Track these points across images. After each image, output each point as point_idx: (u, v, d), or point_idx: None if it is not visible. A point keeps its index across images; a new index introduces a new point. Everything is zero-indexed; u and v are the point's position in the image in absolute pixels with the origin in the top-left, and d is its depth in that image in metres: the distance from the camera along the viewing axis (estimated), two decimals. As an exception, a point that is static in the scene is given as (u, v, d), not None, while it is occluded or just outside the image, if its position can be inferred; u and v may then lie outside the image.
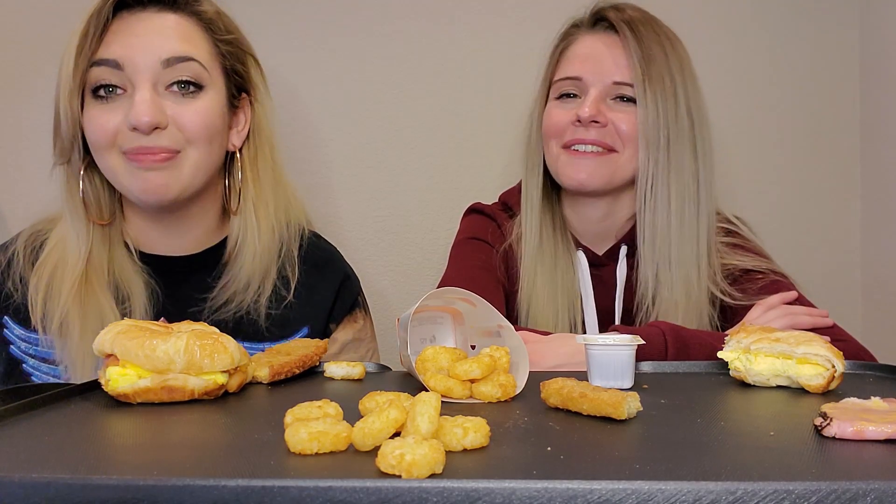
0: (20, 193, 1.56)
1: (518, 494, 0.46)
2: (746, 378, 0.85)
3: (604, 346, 0.83)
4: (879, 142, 1.61)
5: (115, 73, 0.99)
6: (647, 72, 1.15)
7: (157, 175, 1.00)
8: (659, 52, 1.16)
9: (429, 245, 1.63)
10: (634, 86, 1.16)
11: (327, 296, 1.14)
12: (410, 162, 1.63)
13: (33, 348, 1.05)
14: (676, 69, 1.17)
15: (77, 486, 0.48)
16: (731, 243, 1.24)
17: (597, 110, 1.16)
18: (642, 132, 1.16)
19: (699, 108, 1.20)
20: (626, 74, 1.17)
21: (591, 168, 1.18)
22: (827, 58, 1.66)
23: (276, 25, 1.62)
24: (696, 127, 1.19)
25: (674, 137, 1.16)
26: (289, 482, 0.47)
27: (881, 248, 1.62)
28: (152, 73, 0.99)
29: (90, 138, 1.01)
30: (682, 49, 1.21)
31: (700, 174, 1.19)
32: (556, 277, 1.22)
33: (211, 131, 1.04)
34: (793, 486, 0.46)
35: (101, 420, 0.70)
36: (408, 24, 1.63)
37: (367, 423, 0.55)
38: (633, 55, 1.15)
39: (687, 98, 1.18)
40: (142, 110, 0.97)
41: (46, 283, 1.03)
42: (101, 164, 1.04)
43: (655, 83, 1.15)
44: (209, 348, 0.76)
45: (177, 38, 1.01)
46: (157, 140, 0.99)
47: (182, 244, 1.11)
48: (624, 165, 1.19)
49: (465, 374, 0.75)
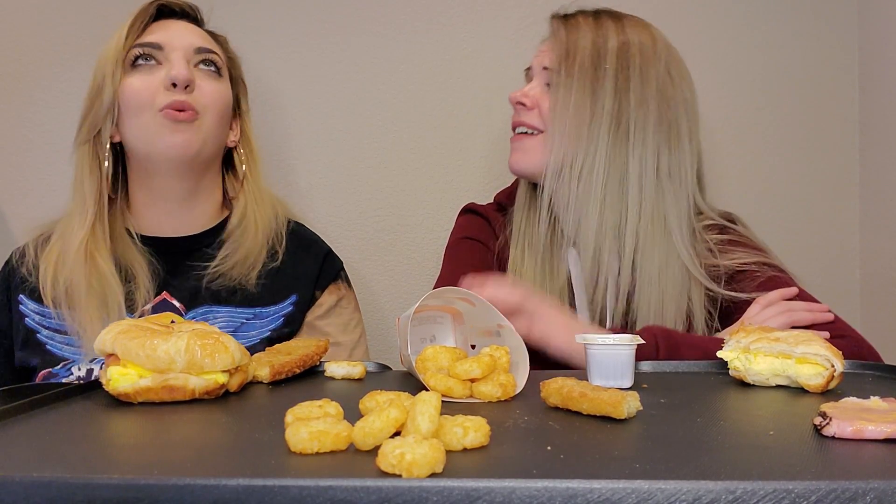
0: (20, 193, 1.57)
1: (518, 494, 0.46)
2: (746, 378, 0.85)
3: (604, 346, 0.83)
4: (878, 140, 1.62)
5: (153, 51, 1.18)
6: (564, 56, 1.19)
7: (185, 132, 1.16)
8: (588, 43, 1.19)
9: (428, 245, 1.64)
10: (552, 70, 1.21)
11: (312, 267, 1.27)
12: (410, 162, 1.64)
13: (46, 321, 1.17)
14: (610, 58, 1.18)
15: (78, 486, 0.48)
16: (725, 240, 1.23)
17: (522, 94, 1.24)
18: (553, 113, 1.19)
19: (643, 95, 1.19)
20: (549, 61, 1.22)
21: (518, 153, 1.25)
22: (826, 56, 1.66)
23: (276, 26, 1.62)
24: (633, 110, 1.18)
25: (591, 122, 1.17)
26: (289, 482, 0.47)
27: (880, 247, 1.62)
28: (186, 52, 1.19)
29: (129, 101, 1.17)
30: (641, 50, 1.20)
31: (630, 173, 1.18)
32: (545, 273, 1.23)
33: (223, 108, 1.22)
34: (792, 485, 0.46)
35: (102, 420, 0.70)
36: (407, 25, 1.63)
37: (368, 422, 0.55)
38: (554, 43, 1.22)
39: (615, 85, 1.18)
40: (181, 68, 1.16)
41: (54, 263, 1.16)
42: (134, 126, 1.17)
43: (571, 66, 1.18)
44: (210, 348, 0.76)
45: (203, 38, 1.23)
46: (189, 97, 1.16)
47: (183, 225, 1.24)
48: (550, 146, 1.20)
49: (465, 374, 0.75)
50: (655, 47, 1.22)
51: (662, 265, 1.18)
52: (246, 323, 1.20)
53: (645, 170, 1.19)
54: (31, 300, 1.18)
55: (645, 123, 1.19)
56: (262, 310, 1.21)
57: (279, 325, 1.21)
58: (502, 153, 1.63)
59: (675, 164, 1.21)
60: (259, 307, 1.21)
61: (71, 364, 1.14)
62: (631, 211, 1.18)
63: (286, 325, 1.22)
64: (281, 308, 1.22)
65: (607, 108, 1.18)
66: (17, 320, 1.18)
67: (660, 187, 1.20)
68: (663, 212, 1.19)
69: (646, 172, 1.19)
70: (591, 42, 1.20)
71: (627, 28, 1.22)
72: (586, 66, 1.18)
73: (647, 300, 1.18)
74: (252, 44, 1.35)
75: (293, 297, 1.24)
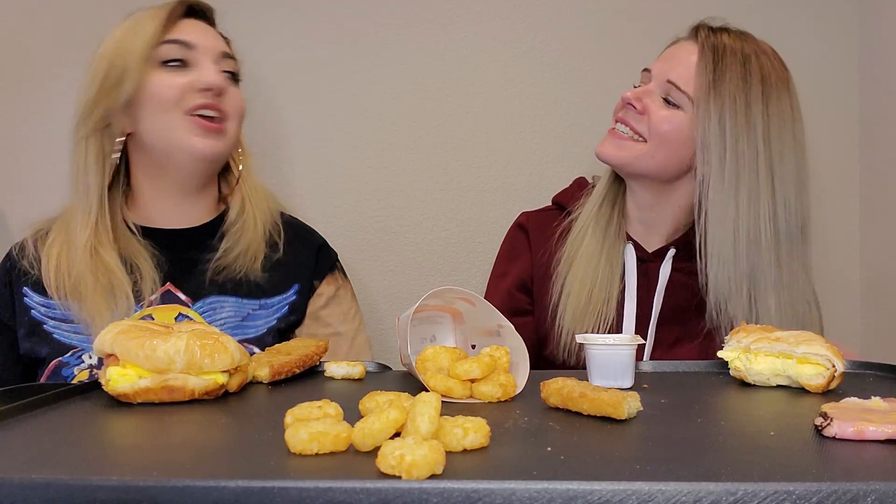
0: (20, 193, 1.56)
1: (518, 495, 0.46)
2: (747, 378, 0.85)
3: (604, 346, 0.83)
4: (878, 140, 1.61)
5: (185, 50, 1.19)
6: (712, 84, 1.18)
7: (216, 141, 1.19)
8: (736, 77, 1.19)
9: (428, 245, 1.63)
10: (696, 97, 1.19)
11: (309, 256, 1.30)
12: (410, 162, 1.63)
13: (51, 311, 1.18)
14: (756, 99, 1.19)
15: (76, 487, 0.48)
16: None
17: (636, 97, 1.24)
18: (701, 139, 1.19)
19: (781, 147, 1.19)
20: (683, 80, 1.21)
21: (612, 146, 1.25)
22: (826, 56, 1.66)
23: (277, 27, 1.61)
24: (776, 162, 1.19)
25: (741, 156, 1.18)
26: (289, 483, 0.47)
27: (880, 247, 1.62)
28: (214, 56, 1.21)
29: (155, 98, 1.17)
30: (779, 90, 1.21)
31: (777, 208, 1.19)
32: (599, 263, 1.26)
33: (243, 113, 1.26)
34: (793, 486, 0.46)
35: (101, 420, 0.70)
36: (407, 25, 1.63)
37: (367, 423, 0.55)
38: (702, 69, 1.20)
39: (766, 129, 1.18)
40: (216, 74, 1.19)
41: (56, 257, 1.17)
42: (157, 123, 1.18)
43: (722, 99, 1.18)
44: (209, 348, 0.76)
45: (224, 43, 1.26)
46: (219, 102, 1.19)
47: (184, 218, 1.25)
48: (646, 156, 1.22)
49: (465, 374, 0.75)
50: (792, 93, 1.23)
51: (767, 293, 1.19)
52: (252, 313, 1.21)
53: (788, 224, 1.19)
54: (36, 293, 1.18)
55: (785, 175, 1.20)
56: (267, 300, 1.22)
57: (284, 313, 1.23)
58: (502, 153, 1.64)
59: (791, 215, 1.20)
60: (264, 297, 1.22)
61: (81, 352, 1.15)
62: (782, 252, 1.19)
63: (291, 312, 1.23)
64: (286, 297, 1.24)
65: (762, 150, 1.18)
66: (22, 313, 1.18)
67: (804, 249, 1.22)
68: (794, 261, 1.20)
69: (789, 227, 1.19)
70: (739, 77, 1.19)
71: (769, 66, 1.22)
72: (738, 101, 1.18)
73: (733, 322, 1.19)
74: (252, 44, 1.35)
75: (296, 287, 1.25)
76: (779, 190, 1.19)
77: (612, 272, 1.25)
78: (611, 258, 1.26)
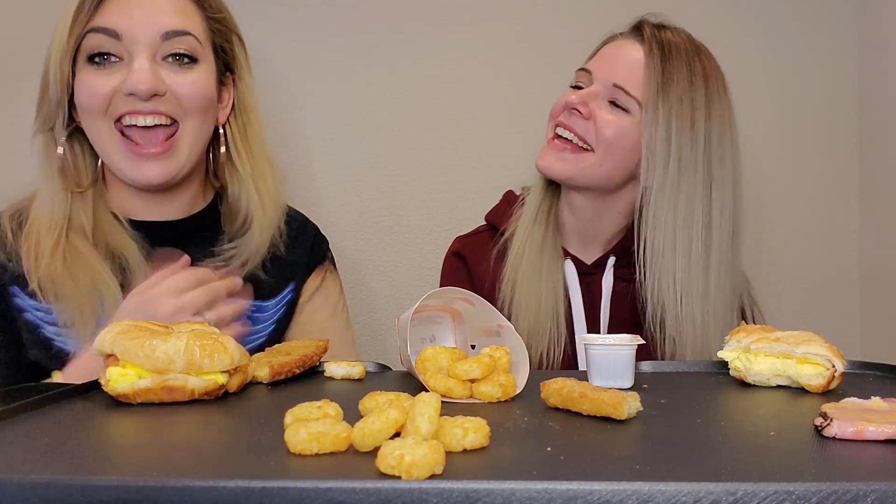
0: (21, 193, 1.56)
1: (518, 495, 0.46)
2: (746, 378, 0.85)
3: (604, 346, 0.83)
4: (878, 140, 1.61)
5: (112, 42, 1.00)
6: (662, 87, 1.14)
7: (155, 166, 1.03)
8: (683, 79, 1.15)
9: (428, 245, 1.63)
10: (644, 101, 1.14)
11: (305, 251, 1.21)
12: (410, 162, 1.63)
13: (49, 316, 1.05)
14: (700, 102, 1.15)
15: (76, 487, 0.48)
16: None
17: (580, 100, 1.17)
18: (647, 144, 1.15)
19: (721, 152, 1.17)
20: (630, 83, 1.16)
21: (556, 157, 1.19)
22: (825, 56, 1.66)
23: (277, 24, 1.61)
24: (715, 167, 1.16)
25: (685, 163, 1.14)
26: (288, 483, 0.47)
27: (879, 247, 1.61)
28: (151, 44, 1.01)
29: (82, 103, 1.02)
30: (718, 92, 1.18)
31: (713, 213, 1.16)
32: (541, 275, 1.21)
33: (205, 102, 1.06)
34: (793, 486, 0.46)
35: (101, 420, 0.70)
36: (408, 25, 1.63)
37: (367, 423, 0.55)
38: (651, 70, 1.14)
39: (708, 133, 1.15)
40: (141, 77, 0.98)
41: (35, 251, 1.04)
42: (91, 131, 1.04)
43: (669, 101, 1.13)
44: (209, 348, 0.76)
45: (174, 13, 1.03)
46: (156, 106, 1.01)
47: (168, 210, 1.12)
48: (593, 167, 1.17)
49: (465, 374, 0.75)
50: (728, 95, 1.20)
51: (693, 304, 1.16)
52: (253, 315, 1.16)
53: (721, 229, 1.17)
54: (26, 295, 1.05)
55: (724, 179, 1.17)
56: (264, 303, 1.16)
57: (282, 314, 1.18)
58: (502, 154, 1.64)
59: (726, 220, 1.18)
60: (263, 299, 1.15)
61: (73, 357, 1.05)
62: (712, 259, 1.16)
63: (289, 312, 1.19)
64: (283, 297, 1.18)
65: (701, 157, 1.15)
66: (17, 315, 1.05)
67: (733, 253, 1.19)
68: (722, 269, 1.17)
69: (722, 232, 1.17)
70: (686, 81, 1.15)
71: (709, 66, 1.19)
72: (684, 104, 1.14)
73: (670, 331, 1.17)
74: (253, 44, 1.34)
75: (291, 285, 1.19)
76: (716, 196, 1.16)
77: (555, 291, 1.21)
78: (551, 277, 1.21)
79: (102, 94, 1.00)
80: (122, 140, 1.02)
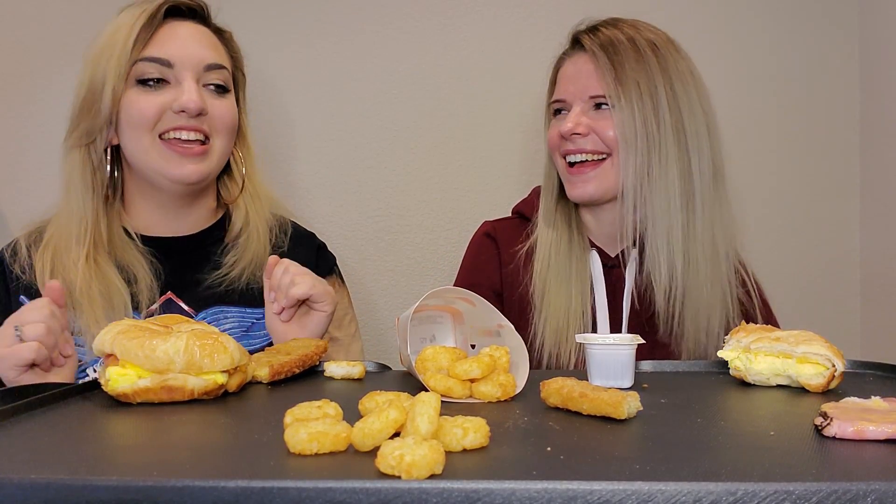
0: (20, 193, 1.56)
1: (518, 495, 0.46)
2: (746, 377, 0.85)
3: (604, 346, 0.83)
4: (878, 140, 1.61)
5: (162, 69, 1.14)
6: (617, 80, 1.19)
7: (196, 165, 1.16)
8: (632, 60, 1.19)
9: (428, 245, 1.63)
10: (607, 96, 1.20)
11: (309, 257, 1.27)
12: (410, 162, 1.63)
13: None
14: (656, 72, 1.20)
15: (75, 488, 0.48)
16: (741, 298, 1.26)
17: (574, 125, 1.22)
18: (621, 136, 1.19)
19: (689, 103, 1.21)
20: (598, 88, 1.21)
21: (583, 180, 1.23)
22: (826, 56, 1.66)
23: (276, 25, 1.62)
24: (687, 121, 1.20)
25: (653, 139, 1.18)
26: (288, 483, 0.47)
27: (880, 247, 1.61)
28: (196, 72, 1.16)
29: (132, 119, 1.14)
30: (668, 53, 1.22)
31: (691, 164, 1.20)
32: (570, 276, 1.24)
33: (233, 125, 1.22)
34: (793, 486, 0.46)
35: (101, 420, 0.70)
36: (408, 25, 1.63)
37: (367, 423, 0.55)
38: (604, 70, 1.20)
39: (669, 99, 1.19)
40: (193, 97, 1.14)
41: (51, 264, 1.14)
42: (133, 144, 1.15)
43: (628, 89, 1.18)
44: (209, 348, 0.76)
45: (212, 48, 1.20)
46: (198, 123, 1.15)
47: (181, 226, 1.23)
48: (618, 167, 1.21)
49: (465, 374, 0.75)
50: (679, 51, 1.24)
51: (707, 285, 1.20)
52: (256, 323, 1.19)
53: (702, 175, 1.20)
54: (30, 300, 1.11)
55: (698, 129, 1.21)
56: None
57: None
58: (502, 154, 1.64)
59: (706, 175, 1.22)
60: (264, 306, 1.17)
61: (85, 366, 1.11)
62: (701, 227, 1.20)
63: None
64: None
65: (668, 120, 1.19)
66: None
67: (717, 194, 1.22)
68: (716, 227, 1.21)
69: (703, 178, 1.20)
70: (635, 61, 1.19)
71: (652, 35, 1.23)
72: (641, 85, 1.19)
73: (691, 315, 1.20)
74: (253, 43, 1.34)
75: None
76: (692, 147, 1.20)
77: (583, 284, 1.24)
78: (580, 271, 1.25)
79: (152, 112, 1.13)
80: (163, 144, 1.15)
